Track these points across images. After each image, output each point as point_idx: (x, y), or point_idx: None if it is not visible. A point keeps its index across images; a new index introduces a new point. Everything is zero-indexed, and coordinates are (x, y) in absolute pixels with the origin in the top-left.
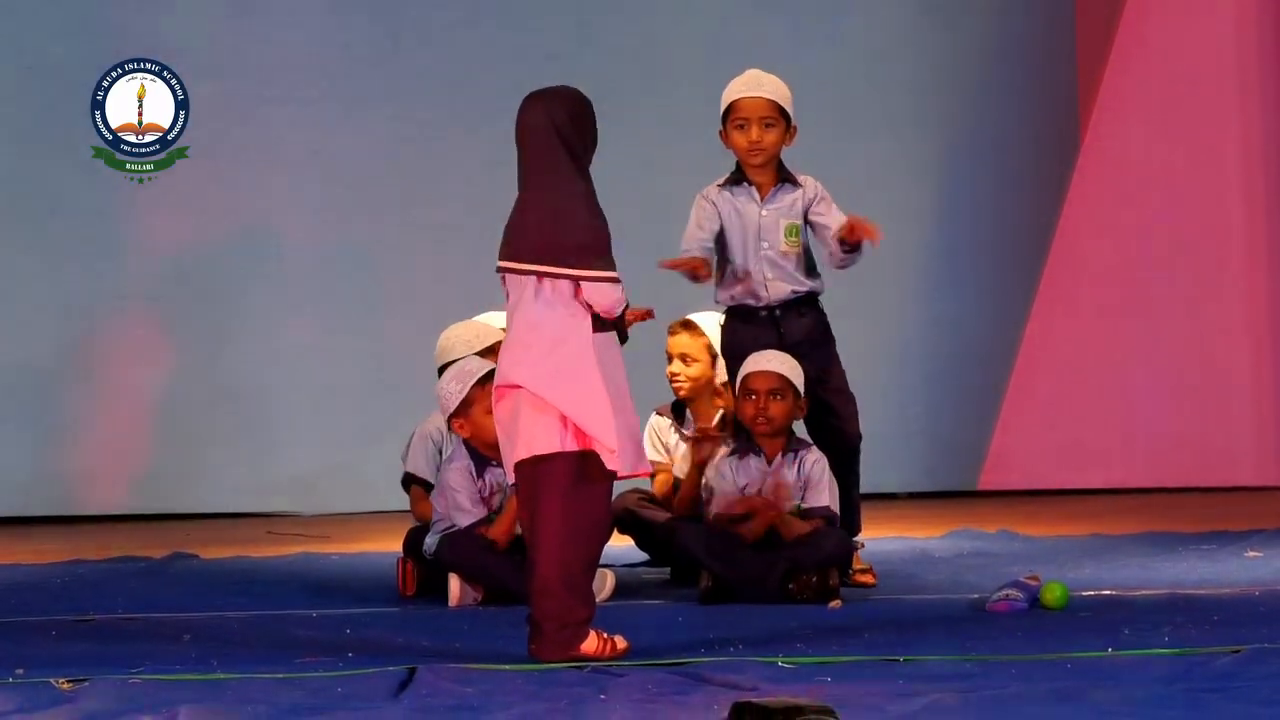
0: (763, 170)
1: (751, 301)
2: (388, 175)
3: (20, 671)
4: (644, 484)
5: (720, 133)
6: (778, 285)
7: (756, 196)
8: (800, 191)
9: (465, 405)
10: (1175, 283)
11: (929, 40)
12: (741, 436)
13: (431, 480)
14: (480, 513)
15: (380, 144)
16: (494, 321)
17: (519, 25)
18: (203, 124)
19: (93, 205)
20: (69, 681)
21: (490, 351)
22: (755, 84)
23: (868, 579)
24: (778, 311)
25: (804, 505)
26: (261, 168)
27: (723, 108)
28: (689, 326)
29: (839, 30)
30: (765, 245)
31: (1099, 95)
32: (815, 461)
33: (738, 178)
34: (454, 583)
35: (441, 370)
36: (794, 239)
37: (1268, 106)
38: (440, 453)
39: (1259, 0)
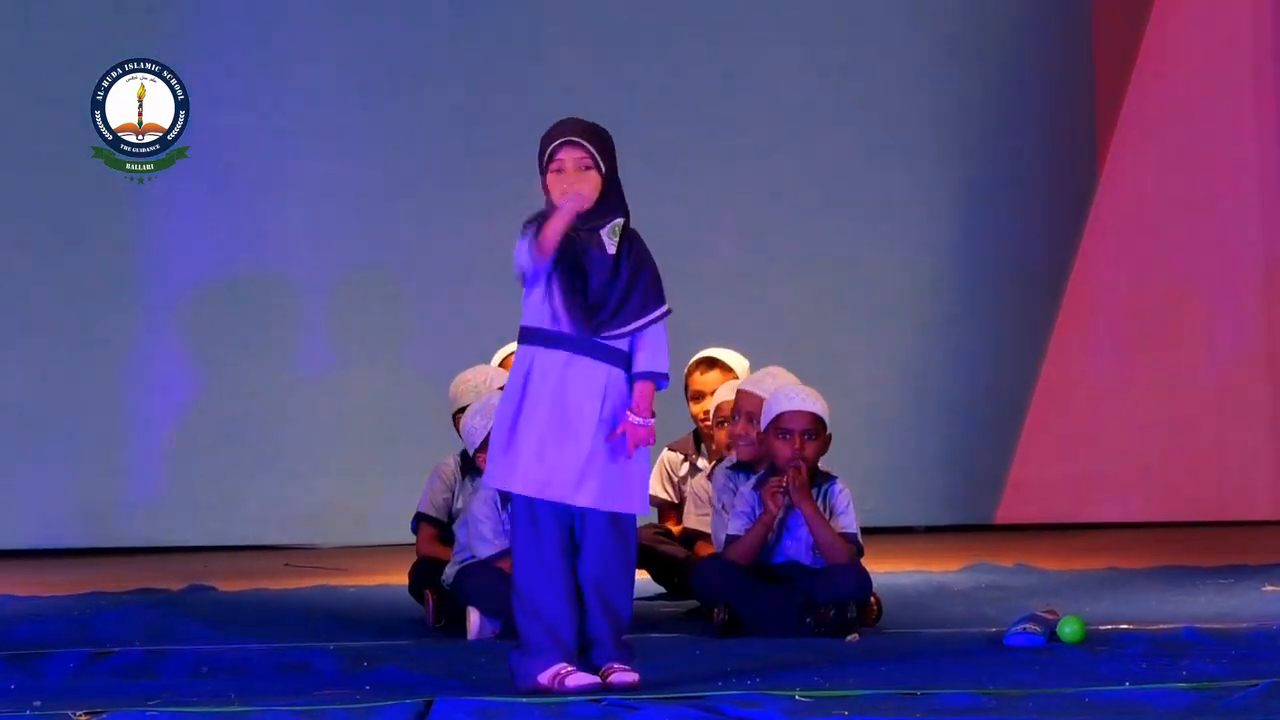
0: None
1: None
2: (404, 204)
3: (38, 704)
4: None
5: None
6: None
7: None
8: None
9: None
10: (1193, 316)
11: (946, 73)
12: (767, 468)
13: (441, 518)
14: (501, 545)
15: (398, 171)
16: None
17: (536, 57)
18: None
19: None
20: (87, 713)
21: None
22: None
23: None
24: None
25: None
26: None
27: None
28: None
29: (857, 63)
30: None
31: (1116, 129)
32: (840, 491)
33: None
34: (473, 615)
35: (456, 416)
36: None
37: None
38: (453, 492)
39: (1277, 34)
